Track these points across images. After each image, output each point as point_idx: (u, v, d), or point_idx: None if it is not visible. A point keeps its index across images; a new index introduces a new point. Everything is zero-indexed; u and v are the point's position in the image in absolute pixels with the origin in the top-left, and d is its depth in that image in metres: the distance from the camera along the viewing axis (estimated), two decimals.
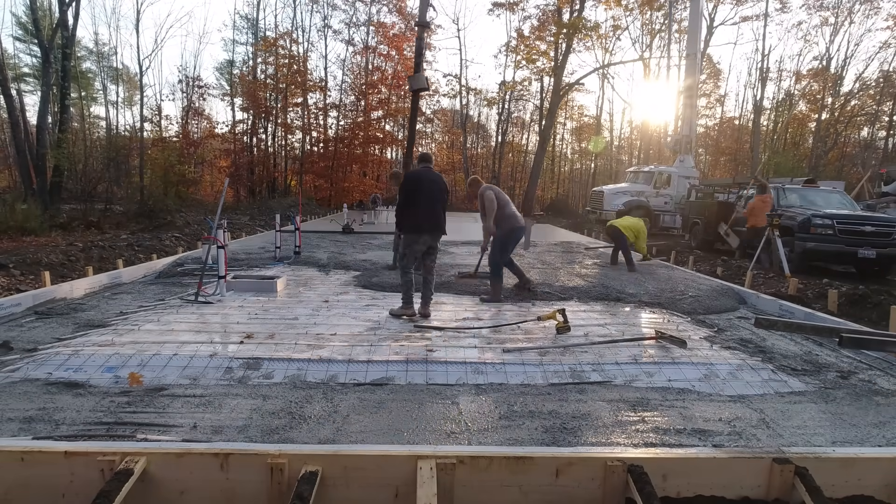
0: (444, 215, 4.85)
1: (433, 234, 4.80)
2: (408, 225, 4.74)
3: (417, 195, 4.70)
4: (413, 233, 4.74)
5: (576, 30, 28.89)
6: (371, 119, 34.64)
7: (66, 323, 4.33)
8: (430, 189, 4.75)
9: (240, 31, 36.13)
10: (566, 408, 2.91)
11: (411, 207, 4.70)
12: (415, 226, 4.71)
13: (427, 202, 4.71)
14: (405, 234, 4.83)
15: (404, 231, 4.83)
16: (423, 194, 4.71)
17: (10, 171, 26.25)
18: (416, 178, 4.79)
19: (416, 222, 4.70)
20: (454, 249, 9.88)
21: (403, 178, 4.93)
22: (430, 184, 4.78)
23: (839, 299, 6.29)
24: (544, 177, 39.41)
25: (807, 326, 3.92)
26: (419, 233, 4.72)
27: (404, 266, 4.80)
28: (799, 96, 36.24)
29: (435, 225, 4.78)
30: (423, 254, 4.83)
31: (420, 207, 4.68)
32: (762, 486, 2.03)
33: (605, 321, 4.83)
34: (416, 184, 4.74)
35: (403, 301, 4.75)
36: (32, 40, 25.59)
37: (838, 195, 11.32)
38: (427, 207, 4.71)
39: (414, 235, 4.74)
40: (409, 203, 4.71)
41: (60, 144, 19.02)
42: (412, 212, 4.70)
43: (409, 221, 4.72)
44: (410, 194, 4.72)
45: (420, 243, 4.73)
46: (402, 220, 4.79)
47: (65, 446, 1.98)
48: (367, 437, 2.51)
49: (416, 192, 4.70)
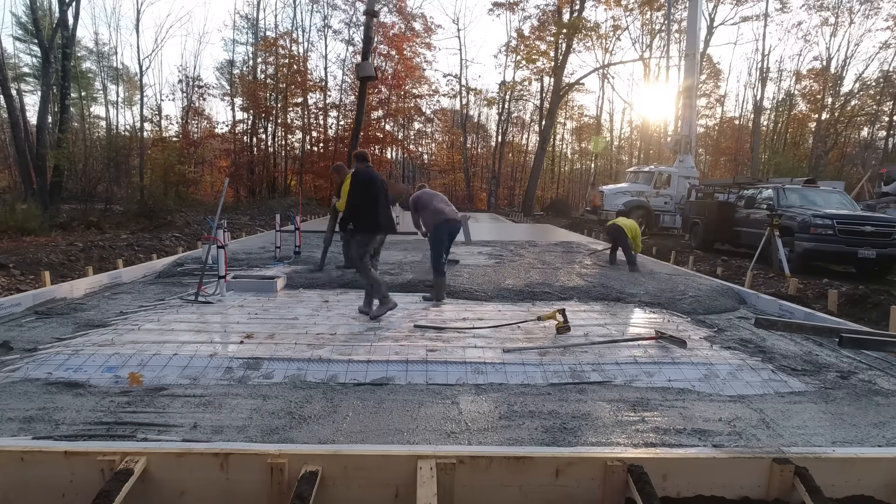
0: (391, 215, 5.01)
1: (387, 232, 4.95)
2: (366, 225, 4.77)
3: (374, 196, 4.73)
4: (371, 233, 4.80)
5: (576, 30, 28.93)
6: (371, 119, 34.63)
7: (66, 323, 4.33)
8: (382, 189, 4.84)
9: (240, 31, 36.20)
10: (566, 408, 2.91)
11: (369, 208, 4.73)
12: (374, 226, 4.78)
13: (381, 202, 4.80)
14: (362, 235, 4.80)
15: (361, 231, 4.79)
16: (378, 195, 4.77)
17: (10, 171, 26.24)
18: (371, 179, 4.78)
19: (375, 222, 4.77)
20: (454, 249, 9.84)
21: (358, 179, 4.82)
22: (381, 184, 4.85)
23: (839, 299, 6.29)
24: (544, 177, 39.45)
25: (807, 326, 3.92)
26: (376, 232, 4.81)
27: (364, 266, 4.77)
28: (799, 96, 36.29)
29: (389, 224, 4.92)
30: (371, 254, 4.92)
31: (377, 208, 4.75)
32: (762, 486, 2.03)
33: (605, 321, 4.83)
34: (371, 184, 4.76)
35: (380, 300, 4.74)
36: (32, 40, 25.64)
37: (838, 195, 11.32)
38: (382, 207, 4.80)
39: (371, 235, 4.80)
40: (366, 203, 4.73)
41: (60, 144, 19.01)
42: (370, 212, 4.73)
43: (368, 221, 4.76)
44: (367, 195, 4.73)
45: (375, 242, 4.83)
46: (360, 221, 4.77)
47: (65, 446, 1.99)
48: (367, 437, 2.51)
49: (372, 193, 4.73)
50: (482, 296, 5.78)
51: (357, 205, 4.75)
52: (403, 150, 40.79)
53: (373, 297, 4.75)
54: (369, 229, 4.77)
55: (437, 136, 43.78)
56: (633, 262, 7.88)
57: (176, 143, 28.77)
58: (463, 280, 6.52)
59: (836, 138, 33.38)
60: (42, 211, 14.68)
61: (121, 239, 11.78)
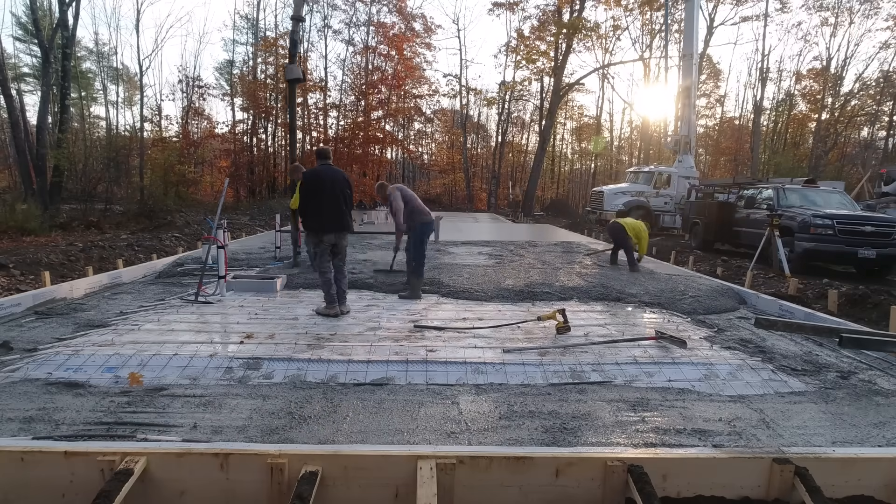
0: (348, 213, 4.83)
1: (338, 233, 4.77)
2: (312, 225, 4.74)
3: (320, 195, 4.66)
4: (317, 232, 4.73)
5: (576, 30, 28.92)
6: (371, 119, 34.63)
7: (66, 323, 4.33)
8: (332, 188, 4.69)
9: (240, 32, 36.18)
10: (566, 408, 2.91)
11: (314, 207, 4.68)
12: (319, 226, 4.71)
13: (330, 201, 4.67)
14: (310, 234, 4.80)
15: (309, 231, 4.80)
16: (325, 193, 4.65)
17: (10, 171, 26.22)
18: (318, 178, 4.70)
19: (319, 222, 4.70)
20: (454, 249, 9.88)
21: (304, 178, 4.81)
22: (332, 182, 4.71)
23: (839, 299, 6.30)
24: (544, 177, 39.43)
25: (807, 326, 3.91)
26: (323, 232, 4.72)
27: (319, 266, 4.78)
28: (799, 96, 36.29)
29: (339, 224, 4.75)
30: (332, 253, 4.82)
31: (323, 207, 4.65)
32: (762, 486, 2.03)
33: (605, 321, 4.83)
34: (317, 183, 4.67)
35: (326, 301, 4.76)
36: (32, 40, 25.63)
37: (838, 195, 11.32)
38: (330, 207, 4.68)
39: (318, 235, 4.74)
40: (311, 203, 4.68)
41: (60, 144, 19.00)
42: (315, 212, 4.69)
43: (314, 221, 4.72)
44: (313, 194, 4.68)
45: (325, 242, 4.73)
46: (306, 220, 4.75)
47: (65, 446, 1.98)
48: (367, 437, 2.51)
49: (318, 192, 4.66)
50: (482, 296, 5.78)
51: (303, 204, 4.73)
52: (403, 150, 40.79)
53: (328, 295, 4.77)
54: (316, 229, 4.72)
55: (437, 136, 43.81)
56: (633, 263, 7.84)
57: (176, 143, 28.75)
58: (463, 280, 6.52)
59: (836, 138, 33.37)
60: (42, 211, 14.68)
61: (121, 239, 11.78)
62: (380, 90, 34.72)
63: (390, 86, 34.43)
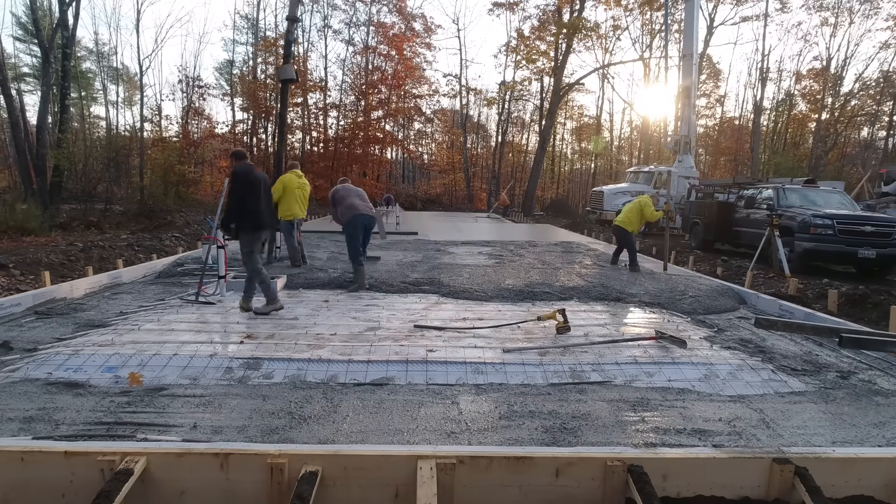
0: (274, 211, 4.99)
1: (268, 229, 4.89)
2: (250, 224, 4.72)
3: (255, 193, 4.68)
4: (255, 231, 4.75)
5: (576, 30, 28.93)
6: (371, 119, 34.65)
7: (66, 323, 4.33)
8: (262, 186, 4.79)
9: (240, 31, 36.17)
10: (566, 408, 2.91)
11: (252, 204, 4.68)
12: (257, 224, 4.74)
13: (263, 199, 4.78)
14: (246, 234, 4.74)
15: (245, 230, 4.73)
16: (259, 191, 4.71)
17: (10, 171, 26.21)
18: (254, 177, 4.72)
19: (258, 220, 4.72)
20: (454, 249, 9.87)
21: (240, 178, 4.73)
22: (264, 182, 4.81)
23: (839, 299, 6.29)
24: (544, 177, 39.44)
25: (807, 326, 3.91)
26: (260, 230, 4.78)
27: (253, 265, 4.75)
28: (799, 96, 36.29)
29: (271, 221, 4.93)
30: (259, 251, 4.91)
31: (258, 205, 4.72)
32: (762, 486, 2.03)
33: (605, 321, 4.83)
34: (253, 183, 4.69)
35: (268, 299, 4.76)
36: (32, 40, 25.63)
37: (838, 195, 11.32)
38: (264, 204, 4.81)
39: (255, 234, 4.77)
40: (249, 200, 4.67)
41: (60, 144, 18.99)
42: (254, 210, 4.69)
43: (251, 220, 4.71)
44: (250, 190, 4.67)
45: (258, 239, 4.78)
46: (243, 220, 4.70)
47: (65, 446, 1.98)
48: (367, 437, 2.51)
49: (254, 191, 4.68)
50: (482, 296, 5.78)
51: (238, 202, 4.68)
52: (403, 150, 40.80)
53: (251, 293, 4.81)
54: (254, 228, 4.72)
55: (437, 136, 43.80)
56: (634, 263, 7.85)
57: (176, 143, 28.76)
58: (463, 280, 6.52)
59: (836, 138, 33.37)
60: (42, 211, 14.67)
61: (121, 239, 11.78)
62: (380, 90, 34.76)
63: (390, 86, 34.47)
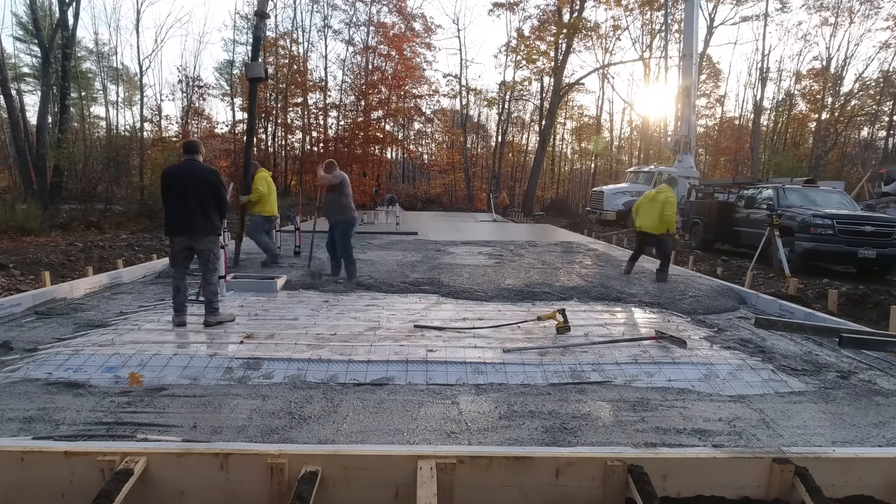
0: (206, 215, 4.31)
1: (189, 235, 4.30)
2: (166, 229, 4.41)
3: (169, 193, 4.28)
4: (168, 234, 4.39)
5: (576, 30, 28.92)
6: (371, 119, 34.62)
7: (66, 323, 4.33)
8: (183, 186, 4.25)
9: (240, 32, 36.05)
10: (566, 408, 2.91)
11: (165, 206, 4.33)
12: (168, 226, 4.35)
13: (179, 201, 4.25)
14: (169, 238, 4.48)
15: (165, 231, 4.50)
16: (175, 191, 4.25)
17: (10, 171, 26.20)
18: (169, 175, 4.32)
19: (169, 222, 4.34)
20: (454, 249, 9.87)
21: (161, 177, 4.40)
22: (185, 179, 4.27)
23: (839, 299, 6.29)
24: (544, 177, 39.43)
25: (807, 326, 3.92)
26: (173, 234, 4.34)
27: (171, 269, 4.50)
28: (799, 96, 36.28)
29: (189, 226, 4.27)
30: (187, 258, 4.43)
31: (172, 206, 4.27)
32: (762, 486, 2.03)
33: (605, 321, 4.83)
34: (168, 181, 4.30)
35: (174, 309, 4.38)
36: (32, 40, 25.60)
37: (838, 195, 11.32)
38: (180, 206, 4.26)
39: (169, 237, 4.39)
40: (163, 201, 4.36)
41: (60, 144, 18.99)
42: (166, 212, 4.33)
43: (165, 221, 4.38)
44: (162, 191, 4.34)
45: (176, 244, 4.36)
46: (165, 223, 4.43)
47: (65, 446, 1.98)
48: (367, 437, 2.51)
49: (167, 190, 4.29)
50: (482, 296, 5.78)
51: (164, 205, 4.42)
52: (403, 150, 40.78)
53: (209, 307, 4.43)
54: (166, 230, 4.40)
55: (437, 136, 43.75)
56: (664, 272, 6.83)
57: (176, 143, 28.72)
58: (463, 280, 6.52)
59: (836, 138, 33.36)
60: (42, 211, 14.67)
61: (121, 239, 11.78)
62: (380, 90, 34.71)
63: (390, 86, 34.42)
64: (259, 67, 6.91)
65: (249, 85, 7.44)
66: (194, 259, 4.49)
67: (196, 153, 4.42)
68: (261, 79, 7.05)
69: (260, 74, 6.94)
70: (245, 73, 7.30)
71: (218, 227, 4.49)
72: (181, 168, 4.34)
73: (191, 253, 4.43)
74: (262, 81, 7.30)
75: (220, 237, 4.62)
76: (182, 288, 4.38)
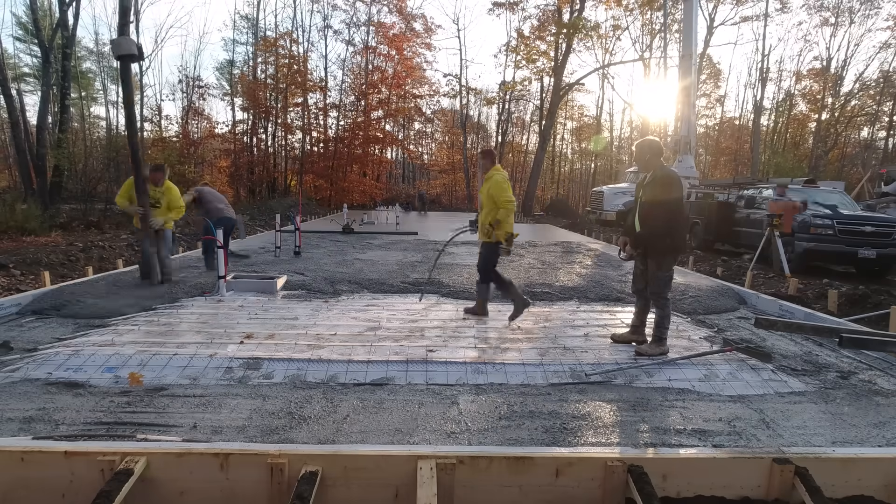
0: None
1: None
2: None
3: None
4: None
5: (576, 30, 28.92)
6: (371, 119, 34.63)
7: (66, 323, 4.33)
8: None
9: (240, 31, 36.13)
10: (566, 408, 2.91)
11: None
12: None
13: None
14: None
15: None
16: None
17: (10, 171, 26.21)
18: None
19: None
20: (454, 249, 9.87)
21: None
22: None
23: (839, 299, 6.29)
24: (544, 177, 39.45)
25: (807, 326, 3.91)
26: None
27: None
28: (799, 96, 36.29)
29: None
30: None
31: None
32: (762, 486, 2.03)
33: (605, 321, 4.83)
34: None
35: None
36: (32, 40, 25.55)
37: (838, 195, 11.31)
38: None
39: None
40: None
41: (60, 144, 18.97)
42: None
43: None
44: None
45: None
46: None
47: (65, 446, 1.98)
48: (367, 437, 2.51)
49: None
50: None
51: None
52: (403, 150, 40.79)
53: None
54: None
55: (437, 136, 43.82)
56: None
57: (176, 143, 28.75)
58: (463, 280, 6.51)
59: (836, 138, 33.38)
60: (42, 211, 14.65)
61: (121, 239, 11.78)
62: (380, 90, 34.73)
63: (390, 86, 34.44)
64: (129, 43, 5.47)
65: (120, 65, 5.80)
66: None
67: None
68: (132, 56, 5.57)
69: (131, 51, 5.48)
70: (112, 51, 5.67)
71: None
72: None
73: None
74: (134, 60, 5.73)
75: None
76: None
